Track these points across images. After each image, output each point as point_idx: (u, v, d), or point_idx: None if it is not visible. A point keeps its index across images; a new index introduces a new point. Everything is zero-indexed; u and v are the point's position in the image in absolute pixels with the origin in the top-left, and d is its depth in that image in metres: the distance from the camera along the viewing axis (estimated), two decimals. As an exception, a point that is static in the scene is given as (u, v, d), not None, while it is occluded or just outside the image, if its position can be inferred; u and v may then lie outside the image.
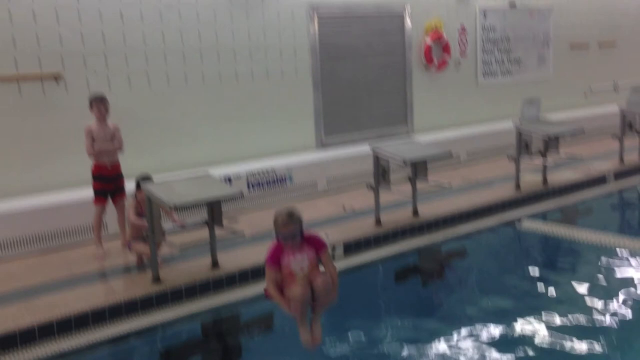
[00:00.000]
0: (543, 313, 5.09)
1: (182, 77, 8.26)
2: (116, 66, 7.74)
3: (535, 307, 5.26)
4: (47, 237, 6.91)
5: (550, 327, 4.87)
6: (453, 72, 11.04)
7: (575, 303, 5.29)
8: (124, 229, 6.66)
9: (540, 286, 5.83)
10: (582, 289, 5.60)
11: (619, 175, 9.41)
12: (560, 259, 6.89)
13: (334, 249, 6.60)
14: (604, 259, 6.27)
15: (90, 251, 6.67)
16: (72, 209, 6.99)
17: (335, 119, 9.71)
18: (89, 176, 6.58)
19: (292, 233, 4.17)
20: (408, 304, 5.78)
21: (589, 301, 5.32)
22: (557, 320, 4.97)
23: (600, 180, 9.19)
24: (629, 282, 5.67)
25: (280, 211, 4.24)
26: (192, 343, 5.21)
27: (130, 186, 6.53)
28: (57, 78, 7.32)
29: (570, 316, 5.03)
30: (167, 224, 6.00)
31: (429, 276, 6.58)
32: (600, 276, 5.85)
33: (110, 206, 6.67)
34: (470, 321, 4.99)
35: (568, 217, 8.17)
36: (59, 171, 7.38)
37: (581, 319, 5.01)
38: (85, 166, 6.65)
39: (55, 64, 7.31)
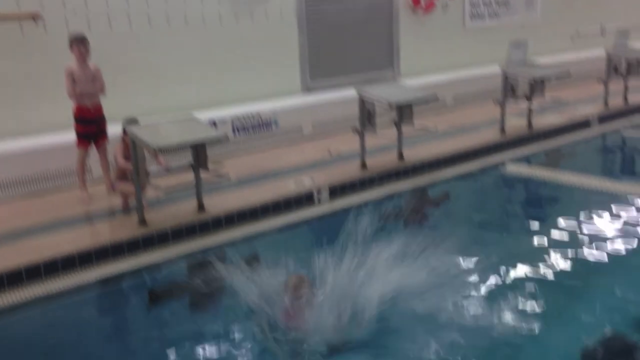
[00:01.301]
0: (524, 254, 5.18)
1: (164, 18, 8.07)
2: (96, 6, 7.54)
3: (516, 248, 5.35)
4: (30, 181, 6.86)
5: (532, 269, 4.96)
6: (440, 14, 10.87)
7: (557, 244, 5.38)
8: (107, 172, 6.62)
9: (523, 227, 5.92)
10: (564, 230, 5.69)
11: (603, 118, 9.46)
12: (543, 201, 6.99)
13: (319, 192, 6.63)
14: (586, 201, 6.36)
15: (74, 195, 6.65)
16: (55, 152, 6.91)
17: (321, 62, 9.59)
18: (70, 118, 6.49)
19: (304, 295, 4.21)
20: (391, 246, 5.85)
21: (571, 242, 5.41)
22: (539, 262, 5.06)
23: (584, 124, 9.23)
24: (610, 224, 5.77)
25: (290, 276, 4.34)
26: (178, 284, 5.26)
27: (113, 129, 6.46)
28: (35, 18, 7.12)
29: (551, 257, 5.13)
30: (152, 167, 5.98)
31: (414, 219, 6.64)
32: (582, 218, 5.94)
33: (93, 149, 6.61)
34: (452, 264, 5.05)
35: (552, 160, 8.24)
36: (39, 113, 7.25)
37: (562, 260, 5.11)
38: (66, 108, 6.55)
39: (33, 4, 7.10)
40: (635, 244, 5.36)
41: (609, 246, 5.31)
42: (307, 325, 4.13)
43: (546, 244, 5.42)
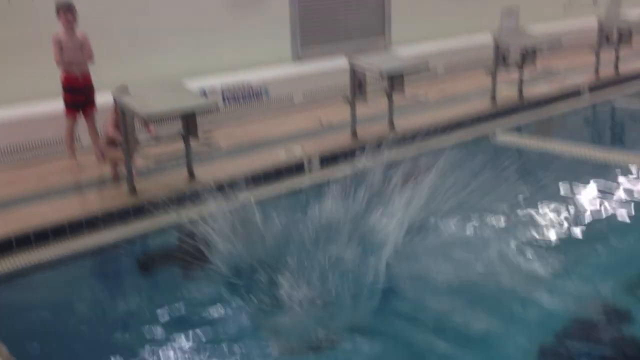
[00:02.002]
0: (514, 223, 5.20)
1: (153, -15, 7.98)
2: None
3: (507, 217, 5.38)
4: (19, 150, 6.82)
5: (522, 237, 4.98)
6: (432, -18, 10.79)
7: (547, 213, 5.42)
8: (96, 141, 6.59)
9: (512, 196, 5.93)
10: (555, 199, 5.72)
11: (594, 88, 9.45)
12: (533, 170, 7.00)
13: (310, 161, 6.63)
14: (576, 170, 6.39)
15: (63, 164, 6.62)
16: (44, 120, 6.86)
17: (312, 30, 9.50)
18: (59, 86, 6.43)
19: None
20: (383, 214, 5.87)
21: (561, 210, 5.45)
22: (529, 230, 5.09)
23: (574, 93, 9.23)
24: (599, 192, 5.81)
25: None
26: (168, 253, 5.28)
27: (102, 98, 6.41)
28: (20, -15, 7.02)
29: (541, 225, 5.17)
30: (141, 135, 5.95)
31: (404, 187, 6.65)
32: (573, 187, 5.97)
33: (82, 118, 6.57)
34: (443, 235, 5.08)
35: (542, 129, 8.26)
36: (27, 82, 7.17)
37: (552, 228, 5.15)
38: (55, 77, 6.48)
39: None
40: (624, 211, 5.41)
41: (599, 213, 5.35)
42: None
43: (536, 212, 5.45)
